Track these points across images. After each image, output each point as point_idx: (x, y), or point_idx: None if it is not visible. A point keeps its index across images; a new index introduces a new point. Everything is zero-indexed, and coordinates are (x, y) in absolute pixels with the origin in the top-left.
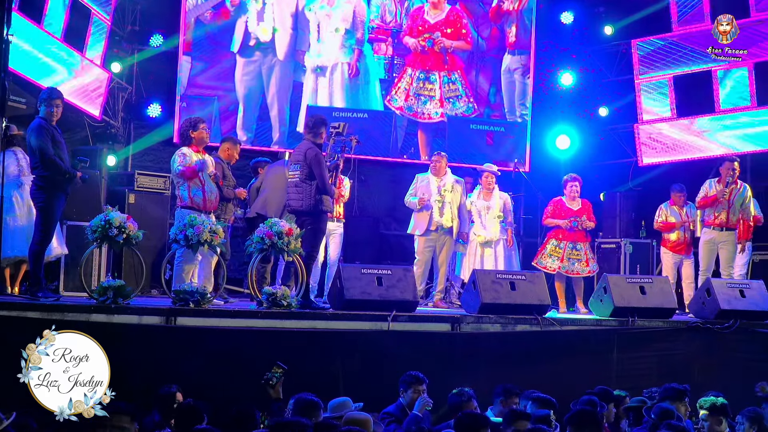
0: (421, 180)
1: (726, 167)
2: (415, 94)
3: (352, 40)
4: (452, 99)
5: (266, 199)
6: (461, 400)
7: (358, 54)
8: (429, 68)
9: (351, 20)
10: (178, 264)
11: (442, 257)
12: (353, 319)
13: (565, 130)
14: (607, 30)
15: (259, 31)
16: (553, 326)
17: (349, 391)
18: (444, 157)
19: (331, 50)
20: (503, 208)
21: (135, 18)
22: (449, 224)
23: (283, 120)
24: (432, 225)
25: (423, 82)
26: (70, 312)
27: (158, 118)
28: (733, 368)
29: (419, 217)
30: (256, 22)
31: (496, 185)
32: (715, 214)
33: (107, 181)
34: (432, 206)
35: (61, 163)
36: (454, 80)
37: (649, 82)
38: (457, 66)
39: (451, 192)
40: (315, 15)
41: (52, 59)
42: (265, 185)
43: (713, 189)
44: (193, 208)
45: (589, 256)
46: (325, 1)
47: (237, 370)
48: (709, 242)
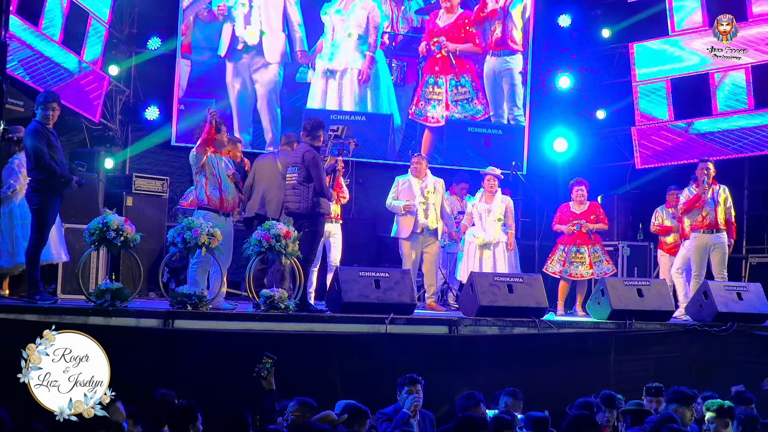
0: (402, 183)
1: (700, 168)
2: (425, 98)
3: (365, 45)
4: (461, 101)
5: (264, 198)
6: (469, 404)
7: (369, 60)
8: (438, 72)
9: (364, 26)
10: (193, 269)
11: (429, 259)
12: (351, 321)
13: (563, 133)
14: (604, 33)
15: (247, 35)
16: (550, 329)
17: (347, 393)
18: (424, 159)
19: (343, 54)
20: (505, 212)
21: (133, 21)
22: (434, 225)
23: (275, 121)
24: (417, 228)
25: (432, 86)
26: (67, 314)
27: (156, 121)
28: (730, 371)
29: (404, 221)
30: (243, 25)
31: (498, 188)
32: (702, 214)
33: (105, 184)
34: (416, 209)
35: (56, 167)
36: (463, 83)
37: (646, 85)
38: (467, 69)
39: (434, 193)
40: (330, 18)
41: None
42: (258, 181)
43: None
44: (210, 208)
45: (596, 259)
46: (341, 6)
47: (235, 373)
48: (700, 246)
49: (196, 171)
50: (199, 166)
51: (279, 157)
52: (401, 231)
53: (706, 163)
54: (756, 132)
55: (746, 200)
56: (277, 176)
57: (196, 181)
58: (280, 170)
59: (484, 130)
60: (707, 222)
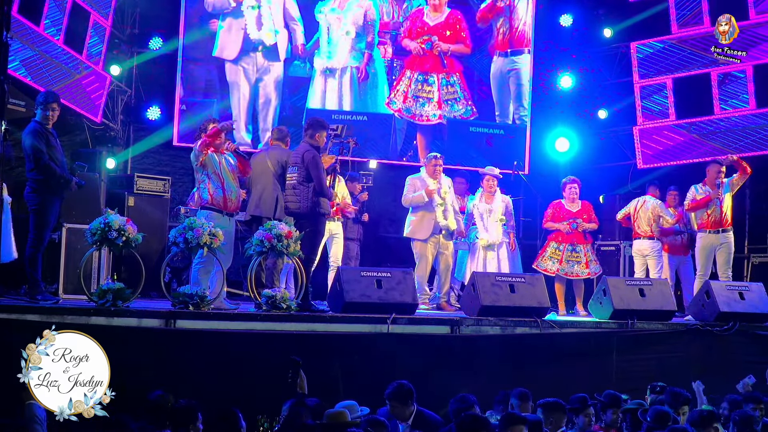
0: (419, 182)
1: (713, 169)
2: (414, 96)
3: (362, 44)
4: (450, 101)
5: (260, 198)
6: (462, 407)
7: (368, 58)
8: (428, 70)
9: (362, 24)
10: (196, 269)
11: (446, 260)
12: (353, 321)
13: (565, 133)
14: (606, 32)
15: (264, 36)
16: (552, 329)
17: (349, 393)
18: (442, 158)
19: (341, 53)
20: (505, 211)
21: (134, 20)
22: (454, 226)
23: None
24: (436, 229)
25: (422, 84)
26: (69, 314)
27: (157, 121)
28: (732, 370)
29: (421, 222)
30: (256, 27)
31: (498, 188)
32: (707, 212)
33: (107, 184)
34: (435, 210)
35: (55, 167)
36: (452, 83)
37: (648, 85)
38: (455, 69)
39: (448, 193)
40: (325, 17)
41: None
42: (253, 181)
43: (700, 193)
44: (214, 207)
45: (590, 258)
46: (336, 4)
47: (237, 373)
48: (706, 246)
49: (197, 170)
50: (199, 164)
51: (269, 153)
52: (418, 232)
53: (720, 165)
54: (757, 132)
55: (748, 200)
56: (269, 173)
57: (199, 180)
58: (271, 167)
59: (486, 129)
60: (712, 220)
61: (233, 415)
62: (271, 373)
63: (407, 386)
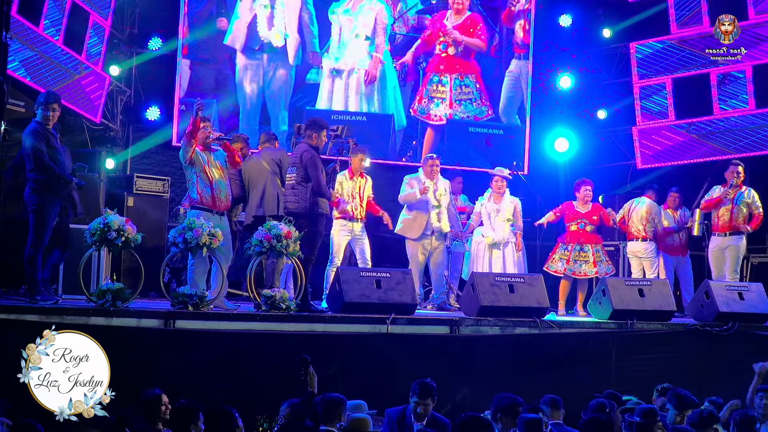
0: (416, 182)
1: (731, 170)
2: (429, 96)
3: (372, 46)
4: (464, 101)
5: (262, 199)
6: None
7: (377, 61)
8: (443, 71)
9: (372, 26)
10: (191, 270)
11: (438, 260)
12: (352, 321)
13: (564, 133)
14: (605, 33)
15: (273, 37)
16: (551, 329)
17: (348, 393)
18: (439, 159)
19: (350, 55)
20: (513, 213)
21: (134, 21)
22: (447, 228)
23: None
24: (428, 230)
25: (436, 84)
26: (68, 315)
27: (157, 121)
28: (731, 371)
29: (413, 222)
30: (267, 27)
31: (507, 189)
32: (717, 214)
33: (106, 184)
34: (429, 212)
35: (55, 168)
36: (467, 83)
37: (647, 85)
38: (472, 70)
39: (444, 195)
40: (338, 18)
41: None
42: (252, 185)
43: (716, 192)
44: (204, 207)
45: (599, 258)
46: (349, 6)
47: (236, 373)
48: (716, 249)
49: (186, 168)
50: (188, 162)
51: (262, 155)
52: (409, 231)
53: (737, 166)
54: (756, 132)
55: None
56: (265, 173)
57: (188, 179)
58: (266, 167)
59: (485, 130)
60: (721, 223)
61: (228, 415)
62: (270, 373)
63: (432, 383)
